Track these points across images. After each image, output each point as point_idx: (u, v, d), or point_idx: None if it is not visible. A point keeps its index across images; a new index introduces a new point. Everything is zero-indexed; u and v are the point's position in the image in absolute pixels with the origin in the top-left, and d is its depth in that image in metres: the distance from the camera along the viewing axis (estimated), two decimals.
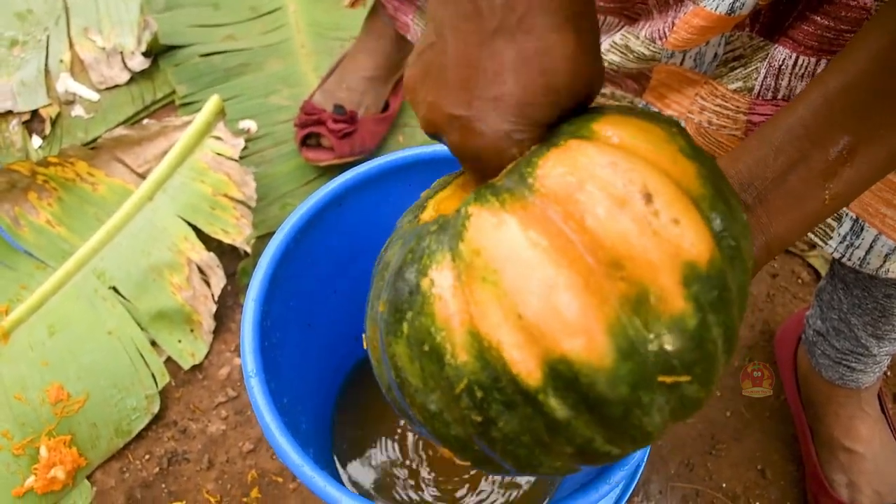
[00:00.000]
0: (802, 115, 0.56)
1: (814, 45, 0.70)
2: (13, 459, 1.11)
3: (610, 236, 0.42)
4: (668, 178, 0.44)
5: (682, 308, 0.42)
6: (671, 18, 0.78)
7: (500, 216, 0.44)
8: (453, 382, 0.45)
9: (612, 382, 0.42)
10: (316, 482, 0.65)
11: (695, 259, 0.42)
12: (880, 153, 0.55)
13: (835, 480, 1.07)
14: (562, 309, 0.41)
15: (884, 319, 0.94)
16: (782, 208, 0.56)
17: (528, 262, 0.42)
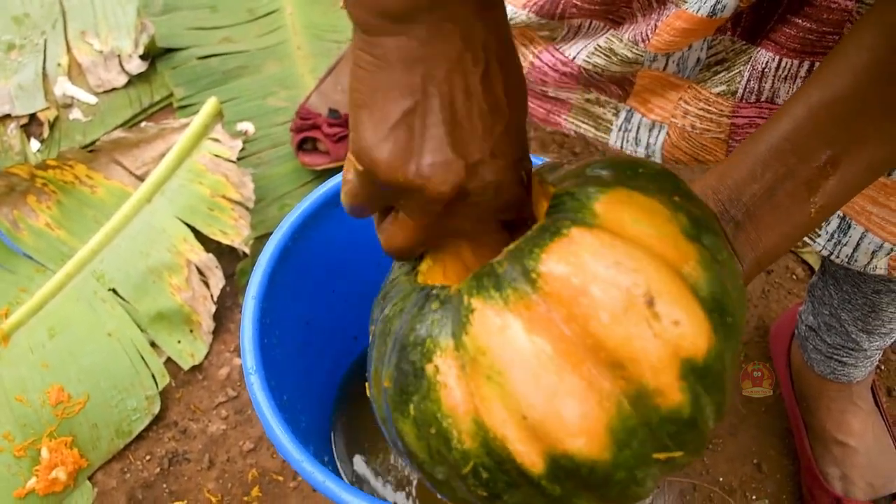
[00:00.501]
0: (786, 130, 0.57)
1: (796, 47, 0.71)
2: (14, 461, 1.12)
3: (612, 340, 0.43)
4: (670, 272, 0.45)
5: (679, 401, 0.44)
6: (654, 21, 0.79)
7: (505, 317, 0.45)
8: (460, 464, 0.47)
9: (611, 470, 0.45)
10: (316, 477, 0.67)
11: (693, 355, 0.44)
12: (861, 165, 0.56)
13: (828, 473, 1.08)
14: (564, 413, 0.44)
15: (873, 315, 0.96)
16: (770, 223, 0.58)
17: (533, 369, 0.44)
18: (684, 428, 0.45)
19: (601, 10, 0.84)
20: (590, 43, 0.88)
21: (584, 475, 0.45)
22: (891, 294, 0.92)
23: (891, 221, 0.73)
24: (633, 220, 0.47)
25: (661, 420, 0.45)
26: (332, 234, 0.89)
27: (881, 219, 0.74)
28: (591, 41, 0.88)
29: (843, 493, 1.06)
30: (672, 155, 0.89)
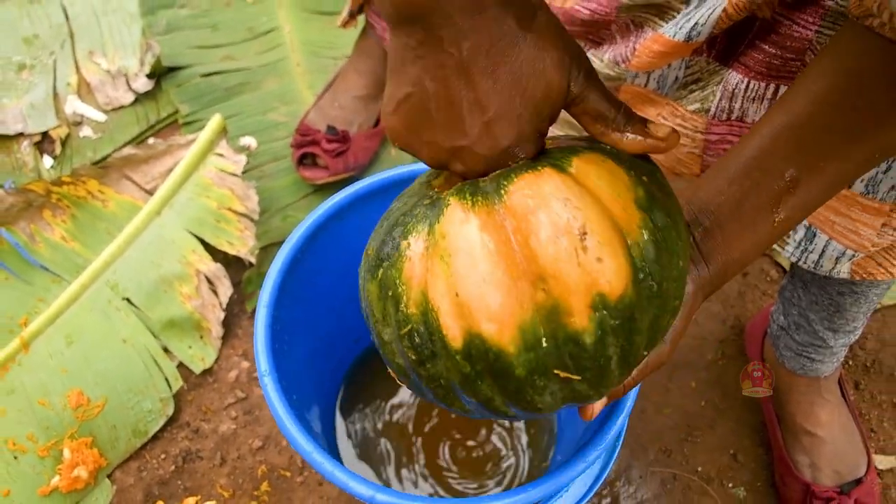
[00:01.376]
0: (754, 149, 0.64)
1: (763, 70, 0.78)
2: (38, 461, 1.20)
3: (543, 256, 0.52)
4: (610, 223, 0.54)
5: (584, 326, 0.53)
6: (632, 43, 0.85)
7: (468, 214, 0.55)
8: (401, 325, 0.58)
9: (512, 364, 0.54)
10: (325, 467, 0.74)
11: (606, 292, 0.53)
12: (821, 182, 0.63)
13: (798, 462, 1.15)
14: (487, 299, 0.53)
15: (838, 314, 1.03)
16: (736, 230, 0.65)
17: (474, 257, 0.54)
18: (585, 354, 0.54)
19: (581, 31, 0.90)
20: None
21: (490, 360, 0.54)
22: (854, 295, 0.99)
23: (851, 230, 0.80)
24: (597, 176, 0.56)
25: (565, 338, 0.53)
26: (335, 244, 0.96)
27: (843, 227, 0.81)
28: None
29: (811, 480, 1.13)
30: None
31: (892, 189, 0.75)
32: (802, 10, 0.73)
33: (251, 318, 1.38)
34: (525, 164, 0.57)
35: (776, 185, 0.63)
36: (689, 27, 0.78)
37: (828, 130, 0.61)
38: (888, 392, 1.30)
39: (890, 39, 0.55)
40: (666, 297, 0.56)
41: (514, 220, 0.54)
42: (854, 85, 0.59)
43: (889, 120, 0.59)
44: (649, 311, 0.56)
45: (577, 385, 0.56)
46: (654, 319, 0.56)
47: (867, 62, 0.58)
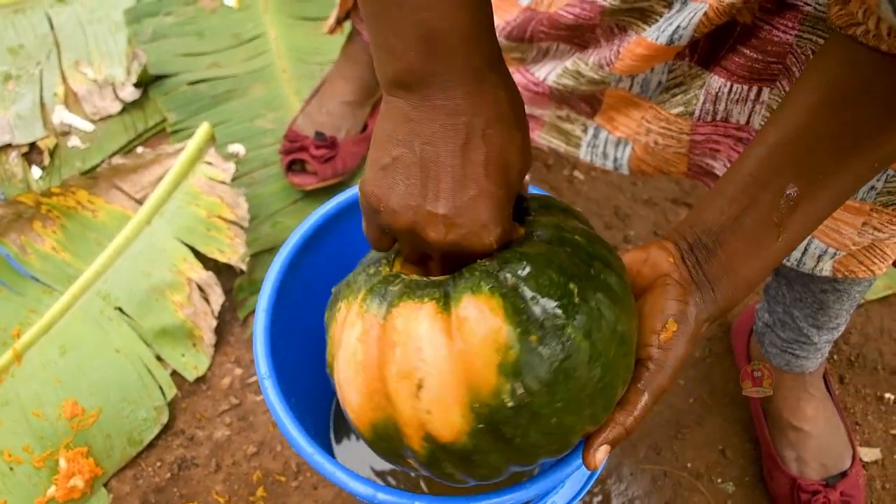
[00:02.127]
0: (749, 166, 0.65)
1: (745, 74, 0.79)
2: (34, 471, 1.20)
3: (390, 386, 0.60)
4: (457, 381, 0.58)
5: (416, 449, 0.61)
6: (616, 47, 0.87)
7: (356, 319, 0.63)
8: (327, 363, 0.71)
9: (373, 444, 0.66)
10: (326, 468, 0.75)
11: (435, 436, 0.59)
12: (822, 195, 0.63)
13: (785, 456, 1.18)
14: (349, 395, 0.64)
15: (821, 311, 1.05)
16: (740, 249, 0.65)
17: (347, 359, 0.63)
18: (423, 465, 0.63)
19: (567, 35, 0.92)
20: (558, 65, 0.96)
21: (354, 429, 0.66)
22: (837, 293, 1.01)
23: (833, 229, 0.82)
24: (473, 330, 0.57)
25: (406, 448, 0.62)
26: (332, 249, 0.97)
27: (825, 226, 0.82)
28: (558, 63, 0.96)
29: (798, 474, 1.15)
30: (638, 168, 0.98)
31: (872, 189, 0.76)
32: (782, 15, 0.74)
33: (243, 326, 1.39)
34: (427, 283, 0.61)
35: (776, 201, 0.63)
36: (671, 31, 0.79)
37: (822, 144, 0.61)
38: (872, 385, 1.32)
39: (875, 49, 0.56)
40: (526, 444, 0.60)
41: (383, 342, 0.60)
42: (844, 99, 0.60)
43: (883, 131, 0.60)
44: (497, 453, 0.61)
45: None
46: (506, 457, 0.61)
47: (855, 75, 0.59)
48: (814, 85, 0.62)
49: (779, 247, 0.65)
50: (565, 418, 0.59)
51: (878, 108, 0.59)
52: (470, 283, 0.59)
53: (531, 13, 0.94)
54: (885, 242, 0.83)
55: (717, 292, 0.65)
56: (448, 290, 0.60)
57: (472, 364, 0.57)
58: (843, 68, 0.60)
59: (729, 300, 0.66)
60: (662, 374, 0.63)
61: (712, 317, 0.66)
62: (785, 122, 0.63)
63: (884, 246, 0.84)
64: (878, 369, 1.34)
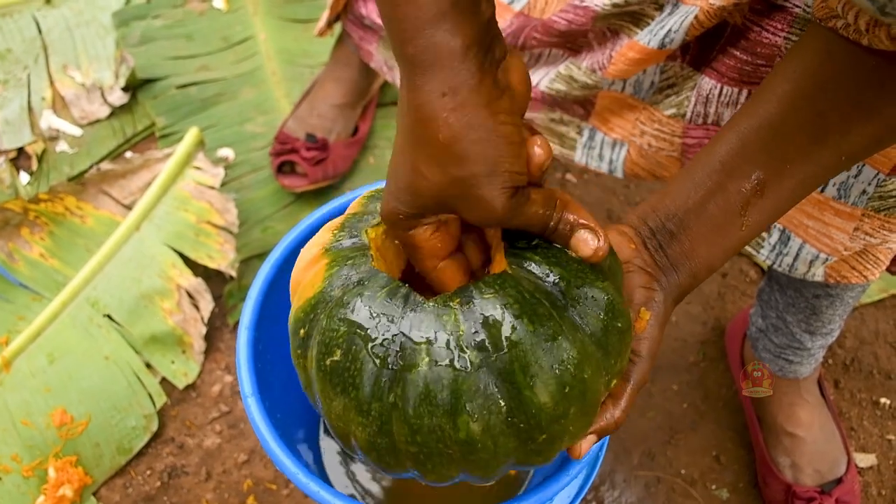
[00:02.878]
0: (719, 152, 0.65)
1: (735, 76, 0.79)
2: (23, 481, 1.19)
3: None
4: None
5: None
6: (609, 51, 0.87)
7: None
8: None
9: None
10: (311, 488, 0.74)
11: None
12: (788, 185, 0.63)
13: (780, 462, 1.17)
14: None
15: (814, 317, 1.04)
16: (704, 234, 0.65)
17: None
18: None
19: (559, 41, 0.92)
20: (551, 70, 0.95)
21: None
22: (829, 298, 1.00)
23: (824, 234, 0.81)
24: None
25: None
26: None
27: (816, 231, 0.82)
28: (551, 68, 0.95)
29: (793, 481, 1.15)
30: (632, 171, 0.97)
31: (863, 193, 0.76)
32: (771, 17, 0.74)
33: (233, 332, 1.38)
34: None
35: (742, 188, 0.63)
36: (662, 34, 0.79)
37: (792, 134, 0.61)
38: (867, 390, 1.32)
39: (854, 42, 0.56)
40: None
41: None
42: (818, 89, 0.60)
43: (853, 124, 0.59)
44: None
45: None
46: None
47: (830, 66, 0.59)
48: (788, 74, 0.62)
49: (742, 234, 0.65)
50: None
51: (848, 100, 0.59)
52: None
53: (525, 19, 0.94)
54: (877, 248, 0.83)
55: (679, 275, 0.65)
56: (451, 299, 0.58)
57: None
58: (819, 59, 0.60)
59: (690, 283, 0.66)
60: (643, 362, 0.63)
61: (676, 299, 0.66)
62: (757, 110, 0.63)
63: (877, 251, 0.83)
64: (874, 374, 1.33)
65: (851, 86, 0.58)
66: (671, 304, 0.66)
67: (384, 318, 0.57)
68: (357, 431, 0.59)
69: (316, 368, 0.60)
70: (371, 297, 0.58)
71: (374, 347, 0.56)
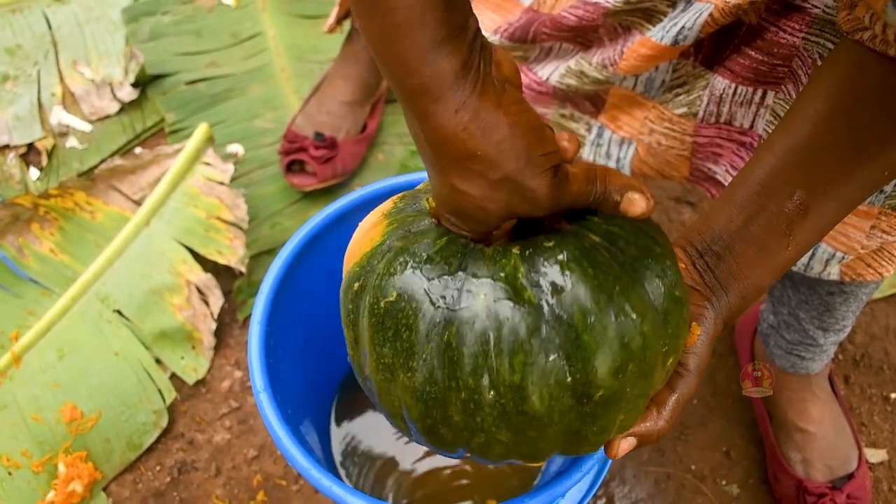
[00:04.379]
0: (758, 176, 0.64)
1: (750, 76, 0.79)
2: (33, 476, 1.19)
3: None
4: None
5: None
6: (620, 47, 0.86)
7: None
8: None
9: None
10: (323, 483, 0.74)
11: None
12: (831, 204, 0.63)
13: (791, 458, 1.16)
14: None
15: (828, 314, 1.04)
16: (750, 256, 0.64)
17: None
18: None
19: (570, 35, 0.91)
20: (561, 64, 0.95)
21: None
22: (843, 295, 1.00)
23: (841, 233, 0.81)
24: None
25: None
26: (327, 257, 0.96)
27: (833, 231, 0.81)
28: (562, 62, 0.95)
29: (804, 476, 1.14)
30: (640, 170, 0.97)
31: (881, 192, 0.76)
32: (789, 17, 0.74)
33: (243, 328, 1.38)
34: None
35: (785, 209, 0.63)
36: (675, 31, 0.78)
37: (830, 152, 0.61)
38: (878, 385, 1.31)
39: (882, 54, 0.55)
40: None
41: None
42: (852, 103, 0.59)
43: (891, 137, 0.59)
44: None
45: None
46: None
47: (863, 79, 0.58)
48: (822, 91, 0.61)
49: (788, 254, 0.64)
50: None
51: (885, 114, 0.58)
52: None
53: (533, 14, 0.93)
54: (893, 245, 0.82)
55: (728, 296, 0.65)
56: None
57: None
58: (851, 74, 0.59)
59: (740, 305, 0.66)
60: (690, 377, 0.62)
61: (727, 320, 0.66)
62: (793, 130, 0.63)
63: (892, 248, 0.83)
64: (884, 369, 1.33)
65: (885, 99, 0.57)
66: (721, 324, 0.65)
67: (442, 262, 0.57)
68: (406, 382, 0.57)
69: (368, 315, 0.59)
70: (430, 244, 0.58)
71: (433, 287, 0.56)
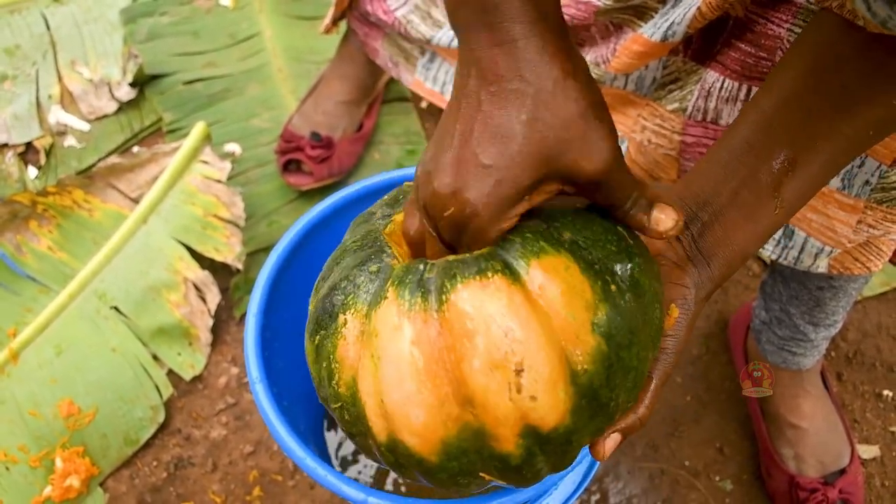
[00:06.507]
0: (744, 135, 0.63)
1: (738, 69, 0.79)
2: (31, 471, 1.20)
3: (474, 384, 0.51)
4: (555, 354, 0.51)
5: (510, 451, 0.52)
6: (612, 45, 0.87)
7: (402, 320, 0.53)
8: (332, 399, 0.59)
9: (436, 469, 0.54)
10: (318, 473, 0.75)
11: (538, 425, 0.51)
12: (818, 161, 0.61)
13: (783, 454, 1.17)
14: (411, 416, 0.52)
15: (818, 308, 1.05)
16: (737, 221, 0.63)
17: (402, 372, 0.52)
18: (510, 469, 0.53)
19: None
20: None
21: (413, 462, 0.55)
22: (833, 290, 1.01)
23: (828, 227, 0.82)
24: (555, 294, 0.52)
25: (490, 456, 0.53)
26: (323, 250, 0.96)
27: (820, 224, 0.82)
28: None
29: (796, 472, 1.15)
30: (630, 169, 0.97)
31: (866, 184, 0.76)
32: (776, 9, 0.74)
33: (240, 324, 1.38)
34: (475, 259, 0.53)
35: (773, 168, 0.61)
36: (665, 27, 0.79)
37: (816, 107, 0.60)
38: (870, 382, 1.32)
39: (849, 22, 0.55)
40: (615, 409, 0.55)
41: (449, 337, 0.51)
42: (839, 60, 0.58)
43: (876, 92, 0.58)
44: (591, 426, 0.54)
45: (503, 484, 0.57)
46: (596, 430, 0.55)
47: (851, 37, 0.57)
48: (807, 48, 0.61)
49: (776, 216, 0.63)
50: (642, 367, 0.55)
51: (873, 69, 0.57)
52: (528, 246, 0.53)
53: None
54: (880, 239, 0.83)
55: (712, 267, 0.63)
56: (505, 260, 0.53)
57: (565, 331, 0.51)
58: (838, 31, 0.58)
59: (724, 273, 0.64)
60: (667, 360, 0.61)
61: (709, 294, 0.64)
62: (778, 87, 0.62)
63: (879, 243, 0.84)
64: (876, 366, 1.34)
65: (871, 54, 0.56)
66: (702, 302, 0.63)
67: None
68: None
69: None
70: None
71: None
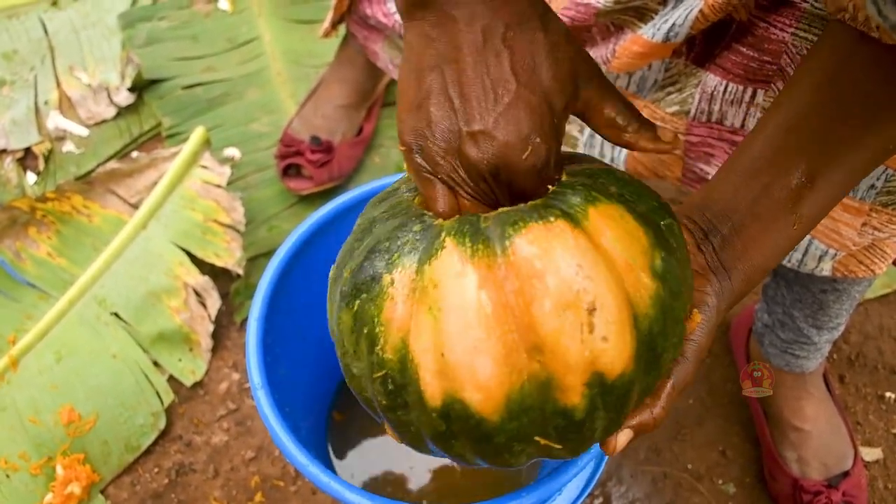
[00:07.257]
0: (761, 149, 0.62)
1: (740, 73, 0.79)
2: (31, 479, 1.20)
3: (544, 327, 0.49)
4: (621, 296, 0.50)
5: (575, 403, 0.50)
6: (612, 45, 0.87)
7: (466, 266, 0.50)
8: (375, 368, 0.54)
9: (493, 431, 0.51)
10: (321, 479, 0.75)
11: (605, 371, 0.50)
12: (837, 174, 0.61)
13: (786, 457, 1.17)
14: (477, 367, 0.50)
15: (821, 311, 1.04)
16: (755, 235, 0.62)
17: (469, 319, 0.50)
18: (571, 427, 0.51)
19: None
20: None
21: (470, 425, 0.51)
22: (836, 293, 1.01)
23: (833, 230, 0.81)
24: (615, 237, 0.51)
25: (554, 412, 0.50)
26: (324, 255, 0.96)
27: (825, 227, 0.82)
28: None
29: (799, 475, 1.15)
30: (634, 168, 0.97)
31: (872, 188, 0.76)
32: (778, 13, 0.73)
33: (240, 330, 1.38)
34: (533, 207, 0.53)
35: (791, 182, 0.60)
36: (666, 28, 0.79)
37: (835, 121, 0.59)
38: (872, 384, 1.32)
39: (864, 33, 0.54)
40: (663, 364, 0.54)
41: (517, 280, 0.50)
42: (851, 76, 0.58)
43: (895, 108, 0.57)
44: (645, 381, 0.53)
45: (555, 451, 0.54)
46: (646, 387, 0.54)
47: (867, 46, 0.56)
48: (823, 60, 0.60)
49: (794, 232, 0.62)
50: (681, 330, 0.55)
51: (888, 81, 0.56)
52: (582, 195, 0.54)
53: None
54: (885, 242, 0.83)
55: (733, 280, 0.62)
56: (562, 208, 0.52)
57: (628, 274, 0.51)
58: (854, 41, 0.57)
59: (744, 287, 0.63)
60: (687, 365, 0.59)
61: (729, 305, 0.63)
62: (795, 101, 0.61)
63: (884, 245, 0.84)
64: (879, 368, 1.34)
65: (889, 65, 0.55)
66: (723, 311, 0.63)
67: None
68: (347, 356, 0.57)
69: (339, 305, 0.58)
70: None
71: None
